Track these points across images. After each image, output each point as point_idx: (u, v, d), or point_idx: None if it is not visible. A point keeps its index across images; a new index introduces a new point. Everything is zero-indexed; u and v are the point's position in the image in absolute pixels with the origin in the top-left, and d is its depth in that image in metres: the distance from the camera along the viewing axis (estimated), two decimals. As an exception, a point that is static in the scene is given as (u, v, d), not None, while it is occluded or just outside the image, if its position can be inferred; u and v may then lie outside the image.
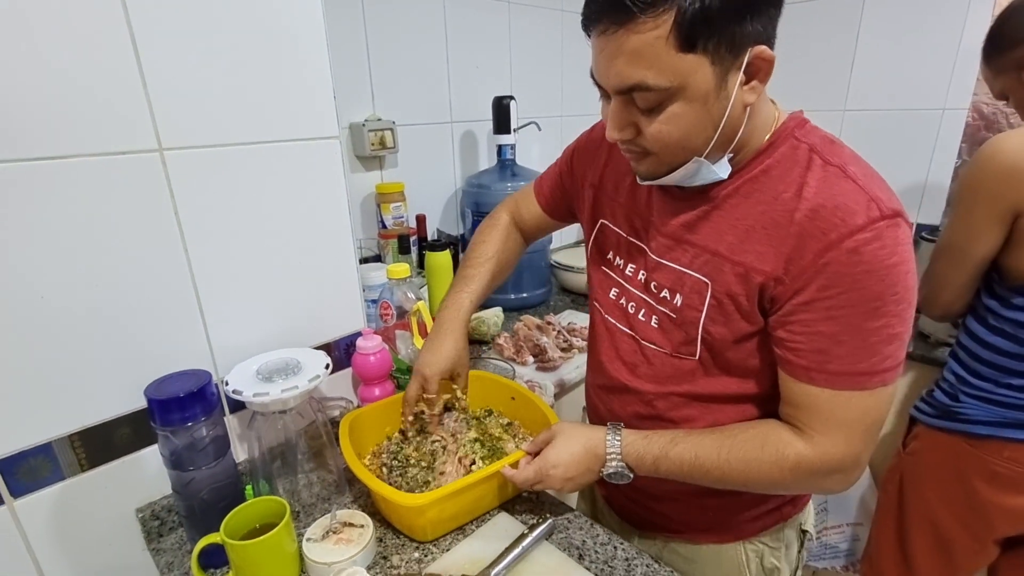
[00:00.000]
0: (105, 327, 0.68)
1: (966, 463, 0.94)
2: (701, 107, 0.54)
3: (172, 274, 0.73)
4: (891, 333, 0.55)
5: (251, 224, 0.78)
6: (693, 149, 0.57)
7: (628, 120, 0.57)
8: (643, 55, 0.51)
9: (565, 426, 0.71)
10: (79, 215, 0.64)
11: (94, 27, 0.61)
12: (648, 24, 0.49)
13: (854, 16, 1.82)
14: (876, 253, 0.53)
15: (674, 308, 0.66)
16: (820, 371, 0.57)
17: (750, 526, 0.77)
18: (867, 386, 0.56)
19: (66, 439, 0.68)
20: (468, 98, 1.57)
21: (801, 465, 0.60)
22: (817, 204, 0.55)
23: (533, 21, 1.69)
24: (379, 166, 1.43)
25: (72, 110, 0.61)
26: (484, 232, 0.93)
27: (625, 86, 0.54)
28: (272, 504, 0.66)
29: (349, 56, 1.30)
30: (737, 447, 0.62)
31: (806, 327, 0.57)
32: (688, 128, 0.55)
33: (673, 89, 0.52)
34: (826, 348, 0.56)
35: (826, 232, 0.54)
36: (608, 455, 0.67)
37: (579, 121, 1.92)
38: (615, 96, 0.57)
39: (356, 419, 0.81)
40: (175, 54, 0.67)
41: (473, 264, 0.89)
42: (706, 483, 0.65)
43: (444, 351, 0.81)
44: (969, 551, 0.98)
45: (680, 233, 0.66)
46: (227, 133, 0.73)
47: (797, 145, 0.59)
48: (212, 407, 0.67)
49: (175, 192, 0.70)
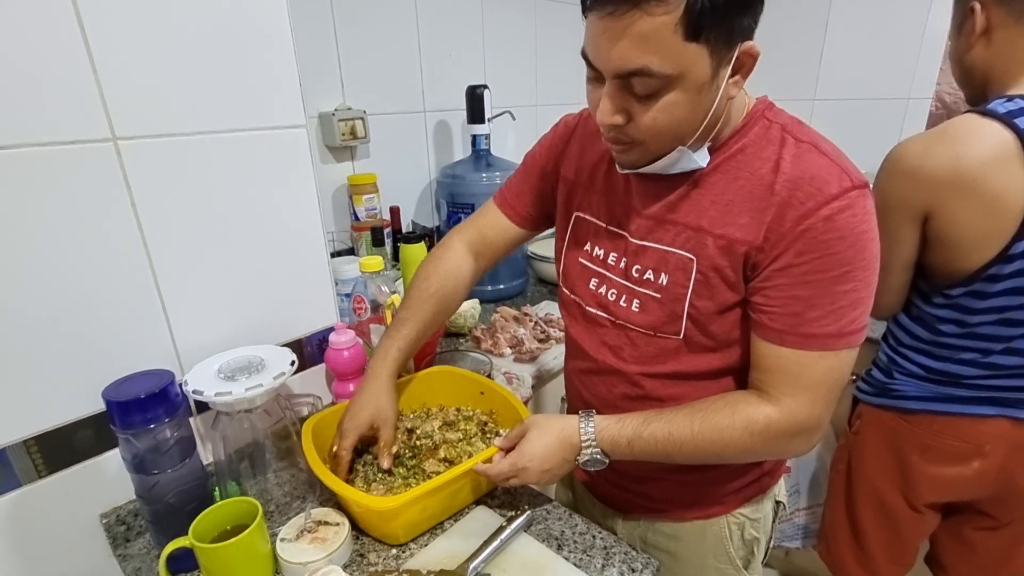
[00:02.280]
0: (61, 327, 0.65)
1: (902, 438, 0.98)
2: (695, 97, 0.55)
3: (131, 270, 0.70)
4: (857, 297, 0.58)
5: (214, 217, 0.76)
6: (680, 139, 0.59)
7: (621, 106, 0.57)
8: (650, 40, 0.51)
9: (538, 419, 0.71)
10: (28, 209, 0.61)
11: (37, 8, 0.57)
12: (660, 8, 0.49)
13: (822, 8, 1.85)
14: (848, 221, 0.56)
15: (659, 288, 0.67)
16: (793, 333, 0.60)
17: (732, 498, 0.79)
18: (835, 347, 0.59)
19: (21, 444, 0.65)
20: (441, 87, 1.55)
21: (770, 428, 0.62)
22: (794, 176, 0.58)
23: (506, 9, 1.66)
24: (350, 156, 1.40)
25: (15, 96, 0.58)
26: (428, 266, 0.85)
27: (627, 70, 0.53)
28: (244, 505, 0.64)
29: (317, 42, 1.27)
30: (708, 418, 0.63)
31: (781, 291, 0.59)
32: (681, 118, 0.56)
33: (673, 77, 0.53)
34: (800, 311, 0.59)
35: (803, 201, 0.57)
36: (583, 442, 0.67)
37: (553, 110, 1.91)
38: (612, 80, 0.56)
39: (320, 422, 0.76)
40: (126, 37, 0.64)
41: (409, 306, 0.82)
42: (681, 459, 0.66)
43: (360, 405, 0.75)
44: (912, 521, 1.02)
45: (662, 214, 0.67)
46: (186, 121, 0.70)
47: (769, 125, 0.62)
48: (176, 408, 0.64)
49: (131, 184, 0.67)
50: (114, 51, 0.63)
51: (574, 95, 1.98)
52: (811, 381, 0.61)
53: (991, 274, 0.81)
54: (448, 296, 0.84)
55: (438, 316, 0.85)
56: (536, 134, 0.88)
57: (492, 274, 1.48)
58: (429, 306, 0.82)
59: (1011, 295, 0.82)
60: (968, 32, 0.85)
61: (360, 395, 0.76)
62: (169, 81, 0.68)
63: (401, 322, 0.81)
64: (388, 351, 0.79)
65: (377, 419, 0.75)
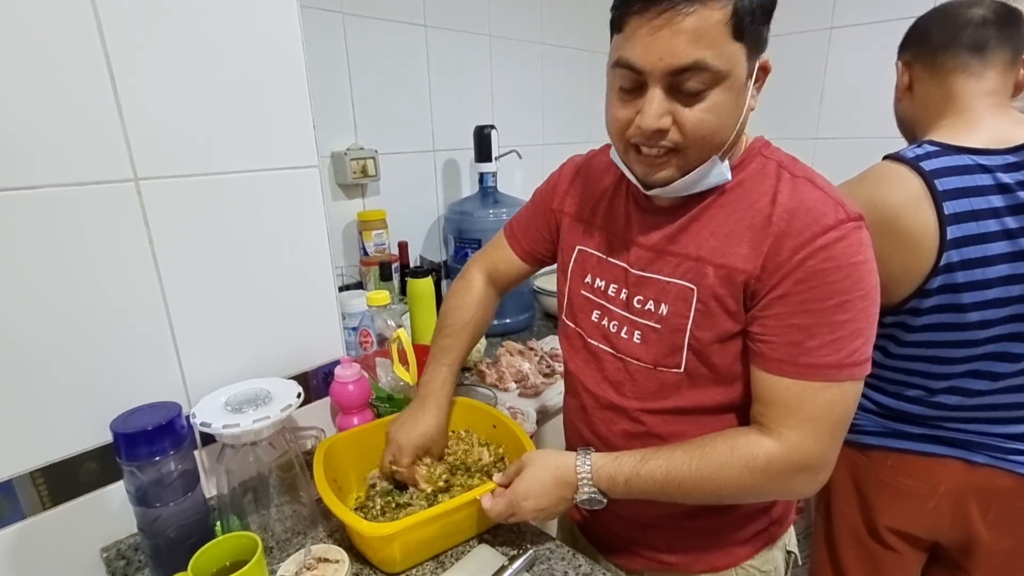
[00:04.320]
0: (74, 360, 0.67)
1: (863, 473, 0.97)
2: (736, 99, 0.57)
3: (145, 305, 0.71)
4: (857, 328, 0.58)
5: (228, 254, 0.78)
6: (719, 144, 0.60)
7: (667, 109, 0.57)
8: (705, 35, 0.53)
9: (534, 456, 0.70)
10: (48, 246, 0.63)
11: (69, 55, 0.61)
12: (716, 3, 0.52)
13: (822, 48, 1.91)
14: (844, 250, 0.57)
15: (659, 319, 0.67)
16: (792, 363, 0.59)
17: (740, 550, 0.76)
18: (836, 378, 0.58)
19: (27, 476, 0.65)
20: (450, 127, 1.60)
21: (771, 464, 0.60)
22: (791, 207, 0.59)
23: (514, 53, 1.73)
24: (361, 194, 1.44)
25: (45, 139, 0.61)
26: (458, 296, 0.91)
27: (686, 63, 0.54)
28: (243, 540, 0.64)
29: (331, 86, 1.32)
30: (707, 455, 0.62)
31: (780, 320, 0.59)
32: (724, 119, 0.58)
33: (723, 74, 0.55)
34: (799, 340, 0.59)
35: (800, 231, 0.58)
36: (579, 481, 0.66)
37: (558, 149, 1.96)
38: (661, 81, 0.56)
39: (332, 446, 0.79)
40: (152, 83, 0.67)
41: (450, 333, 0.88)
42: (680, 497, 0.64)
43: (421, 427, 0.80)
44: (890, 560, 1.00)
45: (662, 245, 0.68)
46: (204, 163, 0.74)
47: (766, 162, 0.64)
48: (181, 440, 0.65)
49: (150, 223, 0.70)
50: (140, 95, 0.67)
51: (578, 134, 2.04)
52: (813, 414, 0.59)
53: (912, 307, 0.83)
54: (480, 323, 0.90)
55: (474, 341, 0.90)
56: (542, 172, 0.91)
57: (499, 311, 1.48)
58: (467, 332, 0.88)
59: (934, 331, 0.84)
60: (897, 88, 0.95)
61: (420, 417, 0.81)
62: (190, 123, 0.71)
63: (446, 349, 0.86)
64: (443, 378, 0.84)
65: (432, 442, 0.81)
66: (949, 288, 0.80)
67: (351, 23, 1.33)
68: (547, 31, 1.82)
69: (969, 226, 0.78)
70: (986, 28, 0.84)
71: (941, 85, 0.87)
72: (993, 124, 0.83)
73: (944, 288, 0.80)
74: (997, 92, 0.85)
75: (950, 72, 0.86)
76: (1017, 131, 0.81)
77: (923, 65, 0.90)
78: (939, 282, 0.80)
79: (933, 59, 0.88)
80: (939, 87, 0.88)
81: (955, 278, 0.79)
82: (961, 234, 0.78)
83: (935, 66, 0.88)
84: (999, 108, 0.84)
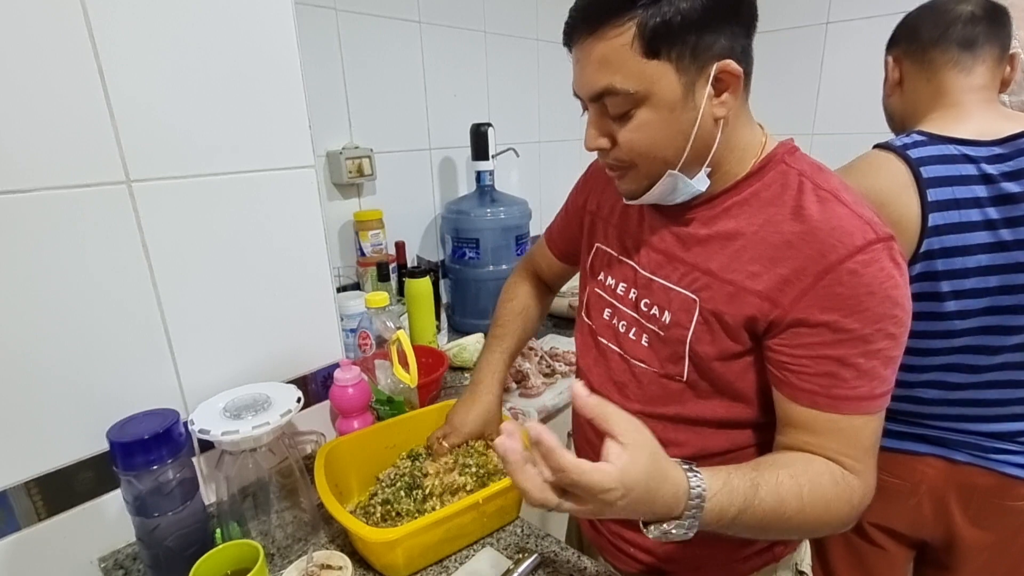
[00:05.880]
0: (68, 367, 0.65)
1: None
2: (668, 115, 0.57)
3: (140, 310, 0.70)
4: (890, 356, 0.55)
5: (224, 257, 0.76)
6: (665, 160, 0.59)
7: (604, 130, 0.60)
8: (611, 61, 0.55)
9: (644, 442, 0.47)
10: (40, 251, 0.62)
11: (60, 57, 0.60)
12: (613, 31, 0.54)
13: (818, 44, 1.90)
14: (876, 275, 0.53)
15: (663, 325, 0.66)
16: (825, 395, 0.56)
17: (740, 567, 0.74)
18: (871, 410, 0.56)
19: (22, 486, 0.64)
20: (446, 125, 1.58)
21: (864, 500, 0.56)
22: (812, 226, 0.56)
23: (509, 50, 1.72)
24: (357, 193, 1.42)
25: (36, 142, 0.60)
26: (509, 291, 0.97)
27: (595, 91, 0.57)
28: (245, 548, 0.62)
29: (326, 84, 1.31)
30: (814, 487, 0.54)
31: (810, 350, 0.56)
32: (656, 136, 0.58)
33: (640, 94, 0.55)
34: (834, 371, 0.55)
35: (825, 254, 0.54)
36: (688, 507, 0.47)
37: (556, 147, 1.95)
38: (591, 105, 0.60)
39: (333, 451, 0.78)
40: (143, 83, 0.66)
41: (502, 323, 0.93)
42: (774, 534, 0.57)
43: (476, 411, 0.83)
44: (877, 555, 1.00)
45: (672, 250, 0.67)
46: (199, 164, 0.72)
47: (787, 171, 0.61)
48: (179, 448, 0.64)
49: (143, 226, 0.69)
50: (131, 96, 0.65)
51: (575, 131, 2.03)
52: (871, 446, 0.57)
53: None
54: (531, 313, 0.95)
55: (527, 332, 0.94)
56: (539, 170, 0.90)
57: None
58: (519, 321, 0.93)
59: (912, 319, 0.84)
60: (887, 83, 0.97)
61: (476, 403, 0.84)
62: (183, 124, 0.70)
63: (498, 337, 0.91)
64: (495, 363, 0.88)
65: (488, 426, 0.83)
66: (928, 276, 0.81)
67: (344, 19, 1.31)
68: (543, 27, 1.81)
69: (951, 214, 0.78)
70: (976, 24, 0.85)
71: (931, 80, 0.89)
72: (982, 118, 0.84)
73: (923, 276, 0.81)
74: (986, 87, 0.86)
75: (941, 67, 0.87)
76: (1005, 124, 0.82)
77: (913, 60, 0.91)
78: (919, 269, 0.80)
79: (923, 54, 0.89)
80: (929, 82, 0.89)
81: (935, 266, 0.80)
82: (943, 222, 0.78)
83: (925, 61, 0.89)
84: (988, 103, 0.86)
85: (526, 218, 1.51)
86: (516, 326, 0.92)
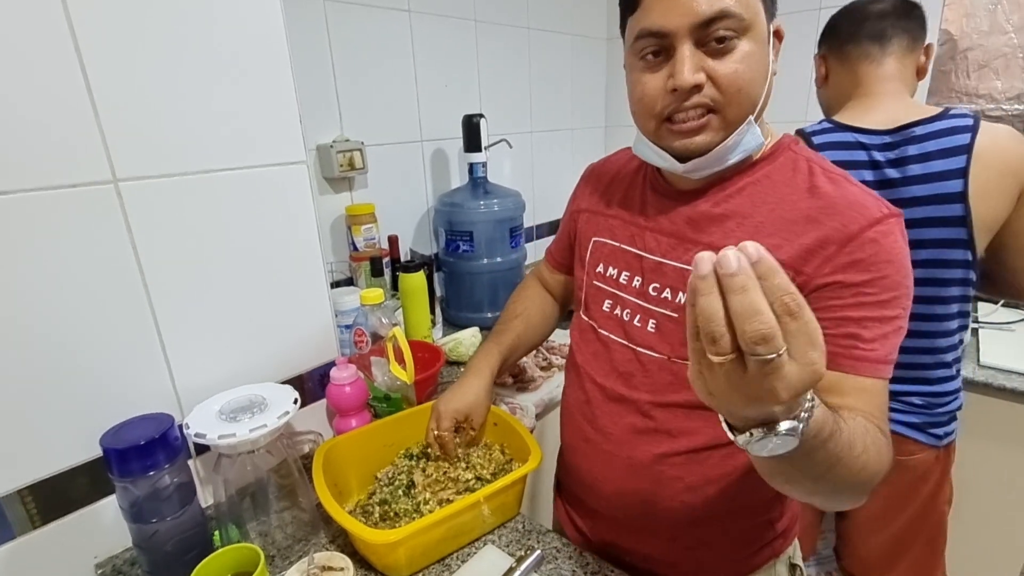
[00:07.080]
0: (58, 372, 0.64)
1: None
2: (762, 52, 0.58)
3: (131, 312, 0.69)
4: (900, 326, 0.57)
5: (215, 256, 0.75)
6: (754, 100, 0.60)
7: (699, 65, 0.58)
8: None
9: None
10: (25, 253, 0.60)
11: (39, 53, 0.58)
12: None
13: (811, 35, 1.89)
14: (892, 245, 0.57)
15: (676, 307, 0.66)
16: (847, 355, 0.57)
17: (742, 566, 0.74)
18: (884, 375, 0.57)
19: (15, 494, 0.63)
20: (438, 117, 1.56)
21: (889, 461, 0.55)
22: (830, 201, 0.59)
23: (500, 39, 1.69)
24: (348, 187, 1.40)
25: (17, 142, 0.58)
26: (513, 296, 0.99)
27: (710, 13, 0.55)
28: (245, 551, 0.62)
29: (315, 77, 1.28)
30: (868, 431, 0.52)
31: (832, 312, 0.57)
32: (756, 70, 0.58)
33: (748, 22, 0.56)
34: (854, 332, 0.57)
35: (847, 224, 0.57)
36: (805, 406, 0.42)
37: (548, 136, 1.93)
38: (689, 38, 0.57)
39: (331, 450, 0.78)
40: (128, 81, 0.64)
41: (503, 321, 0.95)
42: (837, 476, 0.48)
43: (459, 394, 0.84)
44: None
45: (684, 232, 0.67)
46: (187, 161, 0.70)
47: (796, 157, 0.64)
48: (176, 453, 0.63)
49: (132, 225, 0.67)
50: (116, 93, 0.63)
51: (568, 122, 2.01)
52: (886, 413, 0.57)
53: None
54: (534, 316, 0.95)
55: (527, 332, 0.94)
56: (532, 161, 0.89)
57: (492, 301, 1.47)
58: (520, 321, 0.94)
59: None
60: (816, 78, 1.09)
61: (461, 386, 0.85)
62: (170, 121, 0.68)
63: (497, 333, 0.93)
64: (491, 351, 0.89)
65: (472, 408, 0.83)
66: None
67: (332, 9, 1.28)
68: (533, 15, 1.78)
69: None
70: (885, 19, 0.96)
71: (849, 73, 1.00)
72: (888, 107, 0.94)
73: None
74: (895, 78, 0.96)
75: (855, 60, 0.99)
76: (904, 114, 0.91)
77: (834, 56, 1.03)
78: None
79: (841, 50, 1.01)
80: (848, 75, 1.00)
81: None
82: None
83: (843, 56, 1.01)
84: (898, 93, 0.96)
85: (520, 210, 1.50)
86: (515, 324, 0.93)
